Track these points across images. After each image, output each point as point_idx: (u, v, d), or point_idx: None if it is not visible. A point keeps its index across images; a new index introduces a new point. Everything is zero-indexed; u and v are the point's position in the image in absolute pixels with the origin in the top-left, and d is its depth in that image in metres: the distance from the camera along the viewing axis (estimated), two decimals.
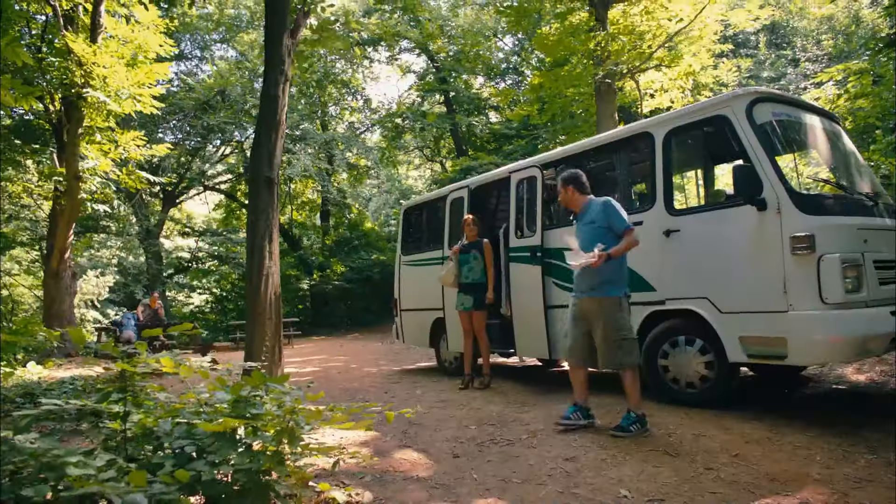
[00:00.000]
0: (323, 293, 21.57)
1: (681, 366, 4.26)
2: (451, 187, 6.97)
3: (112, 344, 2.75)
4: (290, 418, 2.19)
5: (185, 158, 18.46)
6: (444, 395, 5.31)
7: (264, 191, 4.32)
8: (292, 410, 2.20)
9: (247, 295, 4.24)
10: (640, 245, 4.46)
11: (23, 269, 20.21)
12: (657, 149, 4.50)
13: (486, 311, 5.65)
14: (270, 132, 4.45)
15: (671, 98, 12.68)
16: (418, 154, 28.34)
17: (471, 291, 5.66)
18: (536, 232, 5.42)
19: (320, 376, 7.39)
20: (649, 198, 4.59)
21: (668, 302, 4.34)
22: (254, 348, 4.11)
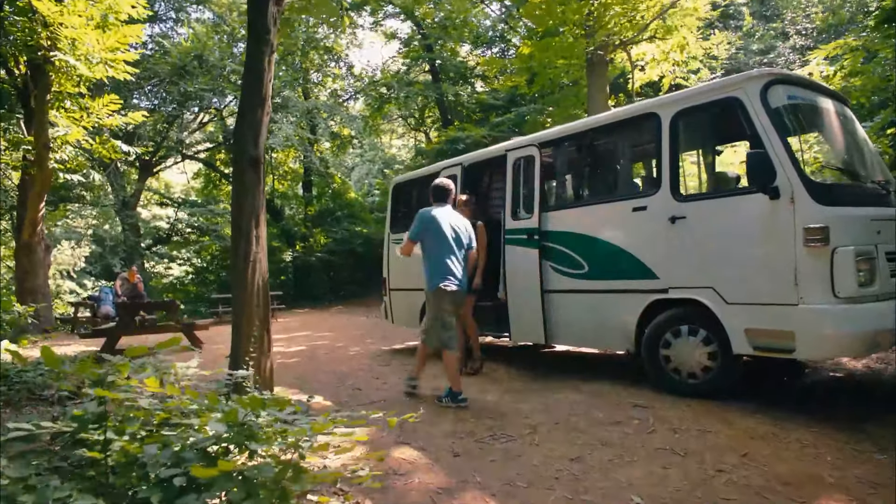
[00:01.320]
0: (306, 265, 21.30)
1: (683, 356, 4.17)
2: (444, 164, 6.73)
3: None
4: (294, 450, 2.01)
5: (162, 126, 17.75)
6: (438, 382, 5.16)
7: (249, 172, 4.04)
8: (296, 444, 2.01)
9: (232, 282, 4.00)
10: (642, 231, 4.35)
11: None
12: (663, 131, 4.31)
13: (474, 296, 5.35)
14: (255, 108, 4.14)
15: (662, 71, 12.44)
16: (402, 123, 27.78)
17: None
18: (534, 214, 5.23)
19: (306, 357, 7.22)
20: (654, 182, 4.42)
21: (671, 291, 4.22)
22: (241, 338, 3.91)
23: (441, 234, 4.38)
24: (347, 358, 6.93)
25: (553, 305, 5.10)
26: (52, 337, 11.56)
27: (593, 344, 4.84)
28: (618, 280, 4.59)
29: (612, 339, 4.69)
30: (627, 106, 5.20)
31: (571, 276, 4.95)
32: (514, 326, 5.47)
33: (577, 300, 4.91)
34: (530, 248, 5.23)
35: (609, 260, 4.65)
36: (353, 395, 4.78)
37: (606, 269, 4.69)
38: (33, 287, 11.89)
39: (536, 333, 5.23)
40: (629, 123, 4.75)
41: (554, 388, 4.75)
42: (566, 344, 5.08)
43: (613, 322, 4.64)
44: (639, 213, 4.44)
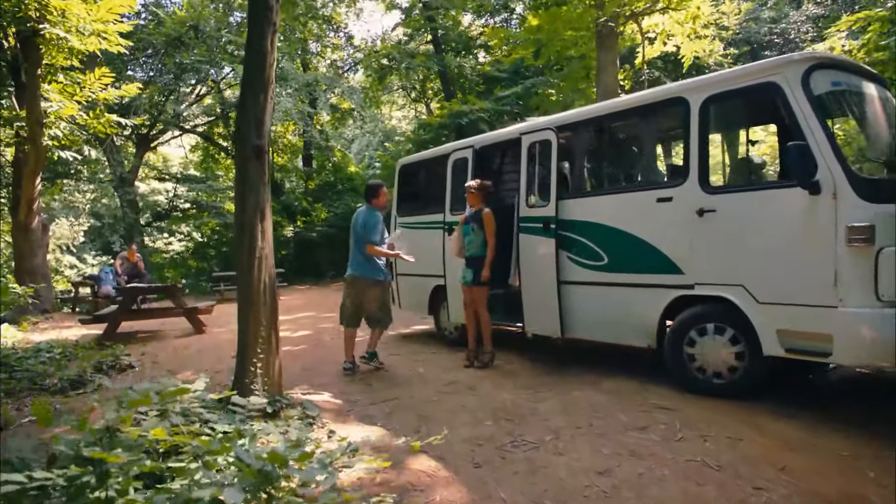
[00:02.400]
0: (307, 240, 21.10)
1: (708, 355, 4.00)
2: (454, 145, 6.46)
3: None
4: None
5: (159, 99, 17.28)
6: (450, 375, 5.03)
7: (253, 162, 3.80)
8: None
9: (238, 279, 3.81)
10: (667, 223, 4.14)
11: None
12: (692, 117, 4.05)
13: (486, 287, 5.24)
14: (257, 93, 3.87)
15: (675, 44, 12.01)
16: (403, 94, 27.18)
17: (471, 265, 5.25)
18: (550, 202, 5.00)
19: (312, 343, 7.08)
20: (681, 172, 4.18)
21: (697, 287, 4.02)
22: (248, 338, 3.73)
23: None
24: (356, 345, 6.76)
25: (569, 297, 4.92)
26: (53, 318, 11.48)
27: (611, 338, 4.66)
28: (639, 274, 4.40)
29: (631, 334, 4.52)
30: (653, 89, 4.91)
31: (589, 267, 4.75)
32: (528, 317, 5.30)
33: (595, 293, 4.73)
34: (546, 238, 5.01)
35: (630, 252, 4.45)
36: (364, 391, 4.63)
37: (627, 262, 4.49)
38: (32, 267, 11.71)
39: (551, 325, 5.06)
40: (654, 108, 4.49)
41: (571, 383, 4.60)
42: (582, 337, 4.90)
43: (634, 317, 4.46)
44: (663, 204, 4.21)
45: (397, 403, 4.27)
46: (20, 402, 6.02)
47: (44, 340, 8.08)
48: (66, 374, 6.21)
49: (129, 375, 6.38)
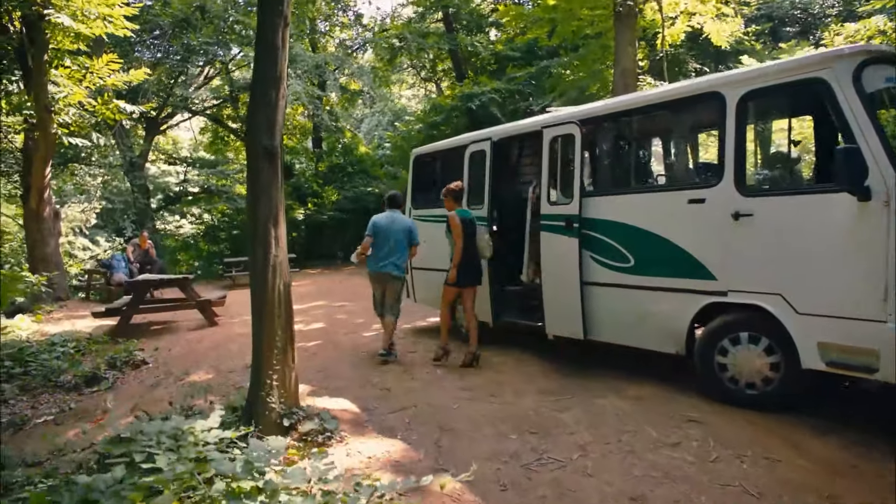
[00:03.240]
0: (317, 223, 21.00)
1: (741, 365, 3.83)
2: (471, 137, 6.23)
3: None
4: None
5: (167, 81, 17.05)
6: (469, 379, 4.89)
7: (265, 165, 3.62)
8: None
9: (252, 289, 3.67)
10: (699, 226, 3.94)
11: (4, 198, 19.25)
12: (729, 113, 3.81)
13: (474, 288, 5.36)
14: (269, 91, 3.67)
15: (698, 23, 11.55)
16: (413, 73, 26.73)
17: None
18: (574, 199, 4.79)
19: (327, 339, 6.96)
20: (715, 172, 3.95)
21: (731, 294, 3.83)
22: (263, 349, 3.60)
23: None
24: (369, 340, 6.67)
25: (593, 299, 4.74)
26: (67, 305, 11.49)
27: (637, 342, 4.50)
28: (668, 277, 4.21)
29: (658, 339, 4.34)
30: (685, 82, 4.63)
31: (614, 268, 4.57)
32: (550, 318, 5.13)
33: (621, 295, 4.54)
34: (569, 237, 4.81)
35: (658, 255, 4.25)
36: (381, 398, 4.50)
37: (655, 265, 4.30)
38: (45, 255, 11.69)
39: (573, 327, 4.89)
40: (686, 103, 4.24)
41: (594, 389, 4.45)
42: (606, 340, 4.74)
43: (661, 322, 4.29)
44: (695, 205, 4.00)
45: (416, 411, 4.15)
46: (36, 399, 5.99)
47: (58, 333, 8.07)
48: (80, 370, 6.18)
49: (142, 371, 6.33)
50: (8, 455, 4.29)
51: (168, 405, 4.44)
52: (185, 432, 2.56)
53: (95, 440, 4.47)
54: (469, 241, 5.24)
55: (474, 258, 5.33)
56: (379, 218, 5.84)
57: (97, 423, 4.96)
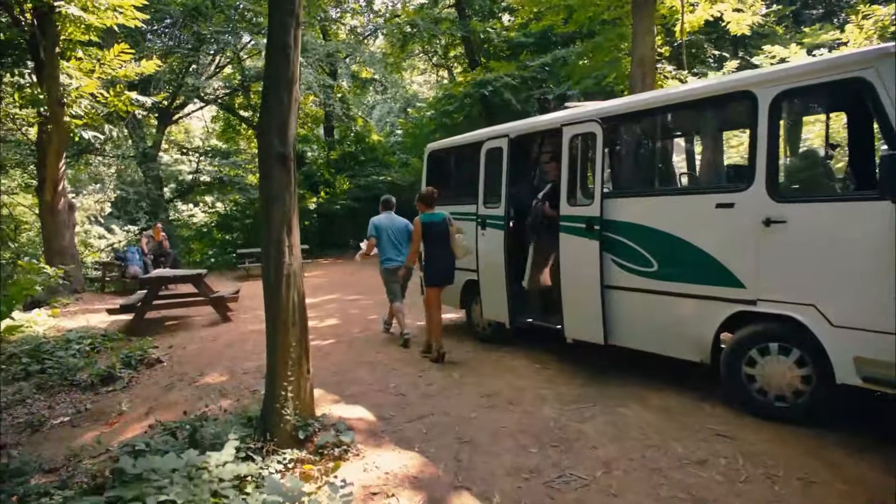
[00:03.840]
0: (330, 213, 20.95)
1: (770, 376, 3.69)
2: (487, 133, 6.06)
3: None
4: None
5: (180, 69, 16.94)
6: (487, 385, 4.80)
7: (277, 171, 3.51)
8: None
9: (265, 299, 3.58)
10: (727, 232, 3.78)
11: (20, 188, 19.41)
12: (761, 114, 3.63)
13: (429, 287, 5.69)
14: (281, 93, 3.55)
15: (719, 10, 11.19)
16: (425, 59, 26.40)
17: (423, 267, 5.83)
18: (595, 201, 4.63)
19: (341, 338, 6.90)
20: (745, 175, 3.78)
21: (760, 303, 3.68)
22: (277, 361, 3.52)
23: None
24: (384, 340, 6.59)
25: (614, 303, 4.61)
26: (83, 298, 11.57)
27: (659, 349, 4.36)
28: (693, 284, 4.06)
29: (682, 346, 4.21)
30: (714, 79, 4.42)
31: (637, 273, 4.42)
32: (569, 322, 5.01)
33: (643, 300, 4.41)
34: (589, 239, 4.67)
35: (682, 260, 4.10)
36: (398, 405, 4.42)
37: (679, 270, 4.15)
38: (61, 248, 11.76)
39: (593, 331, 4.76)
40: (715, 102, 4.05)
41: (616, 397, 4.34)
42: (627, 346, 4.61)
43: (685, 329, 4.15)
44: (724, 210, 3.83)
45: (433, 421, 4.07)
46: (53, 398, 6.01)
47: (73, 329, 8.10)
48: (96, 369, 6.18)
49: (157, 371, 6.32)
50: (25, 461, 4.29)
51: (183, 413, 4.38)
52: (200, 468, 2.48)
53: (111, 445, 4.47)
54: (440, 242, 5.58)
55: (446, 259, 5.63)
56: (379, 219, 6.63)
57: (112, 427, 4.96)
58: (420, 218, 5.63)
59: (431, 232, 5.58)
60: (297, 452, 3.39)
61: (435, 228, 5.57)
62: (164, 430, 3.86)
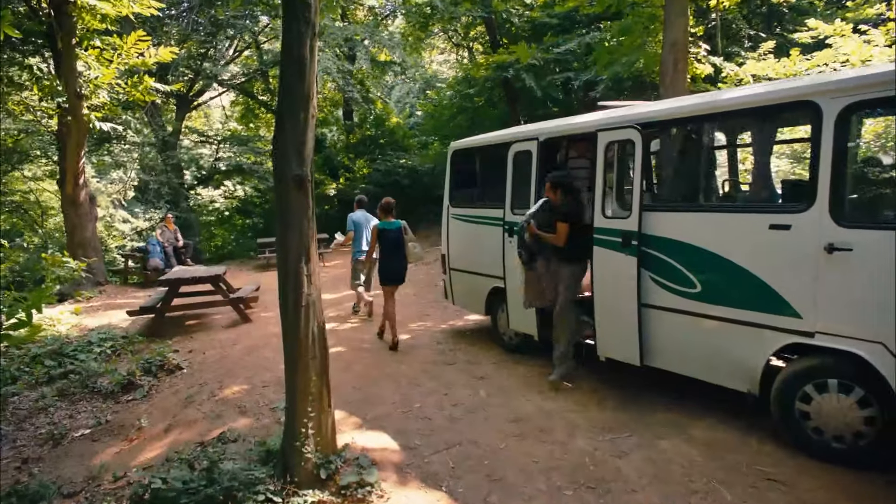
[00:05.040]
0: (349, 198, 20.71)
1: (828, 415, 3.39)
2: (515, 134, 5.74)
3: None
4: None
5: (197, 54, 16.71)
6: (516, 407, 4.57)
7: (294, 194, 3.28)
8: None
9: (283, 330, 3.38)
10: (782, 255, 3.45)
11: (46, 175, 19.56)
12: (825, 127, 3.26)
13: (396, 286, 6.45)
14: (297, 111, 3.30)
15: None
16: (444, 38, 25.77)
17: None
18: (632, 213, 4.32)
19: (363, 344, 6.71)
20: (804, 194, 3.43)
21: (818, 336, 3.37)
22: (297, 396, 3.34)
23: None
24: (407, 349, 6.38)
25: (652, 323, 4.32)
26: (105, 290, 11.61)
27: (701, 375, 4.08)
28: (741, 309, 3.75)
29: (727, 375, 3.92)
30: (771, 86, 4.00)
31: (678, 293, 4.12)
32: (602, 339, 4.74)
33: (684, 322, 4.11)
34: (626, 255, 4.37)
35: (730, 283, 3.79)
36: (423, 431, 4.22)
37: (726, 293, 3.84)
38: (83, 240, 11.79)
39: (629, 351, 4.49)
40: (771, 111, 3.69)
41: (654, 426, 4.08)
42: (666, 368, 4.34)
43: (731, 357, 3.86)
44: (779, 231, 3.50)
45: (461, 452, 3.86)
46: (74, 407, 5.96)
47: (95, 328, 8.08)
48: (117, 376, 6.11)
49: (177, 378, 6.24)
50: (44, 483, 4.22)
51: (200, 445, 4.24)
52: None
53: (130, 466, 4.38)
54: (393, 248, 6.32)
55: (398, 262, 6.36)
56: (356, 216, 7.88)
57: (132, 444, 4.87)
58: (377, 225, 6.44)
59: (386, 238, 6.29)
60: (318, 494, 3.22)
61: (390, 235, 6.29)
62: (181, 461, 3.72)
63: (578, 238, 4.74)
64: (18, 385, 6.36)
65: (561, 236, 4.73)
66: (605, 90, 13.62)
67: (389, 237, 6.31)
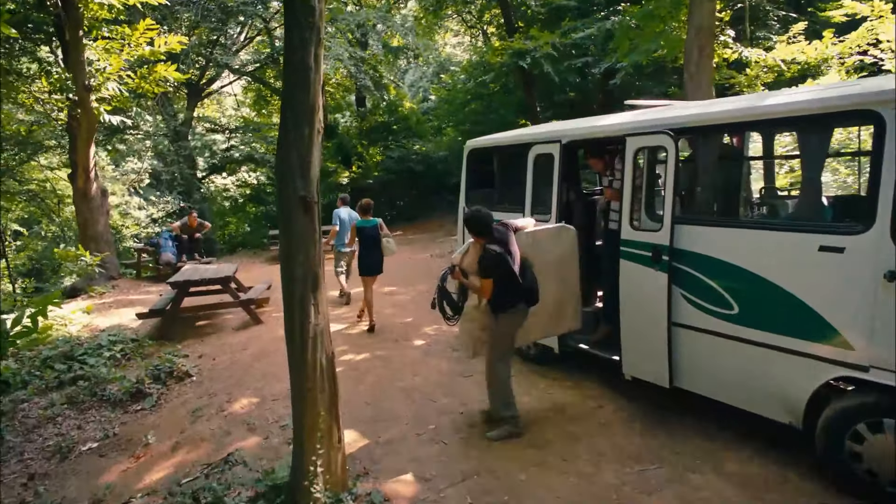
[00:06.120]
0: (362, 187, 20.46)
1: (883, 458, 3.09)
2: (536, 135, 5.41)
3: None
4: None
5: (208, 41, 16.44)
6: (536, 429, 4.32)
7: (299, 217, 3.03)
8: None
9: (290, 362, 3.16)
10: (833, 280, 3.14)
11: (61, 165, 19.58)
12: (889, 139, 2.92)
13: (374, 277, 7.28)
14: (301, 125, 3.03)
15: None
16: (458, 20, 25.17)
17: None
18: (664, 226, 4.00)
19: (377, 352, 6.49)
20: (862, 213, 3.10)
21: (874, 371, 3.06)
22: (304, 433, 3.13)
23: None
24: (421, 357, 6.15)
25: (683, 343, 4.04)
26: (118, 285, 11.55)
27: (737, 402, 3.80)
28: (784, 336, 3.45)
29: (766, 404, 3.64)
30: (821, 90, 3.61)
31: (713, 313, 3.83)
32: (628, 357, 4.46)
33: (719, 345, 3.82)
34: (656, 270, 4.07)
35: (773, 307, 3.49)
36: (439, 458, 3.99)
37: (767, 318, 3.53)
38: (95, 234, 11.72)
39: (657, 372, 4.21)
40: (824, 120, 3.33)
41: (685, 455, 3.82)
42: (697, 392, 4.06)
43: (771, 386, 3.57)
44: (829, 254, 3.18)
45: (478, 484, 3.63)
46: (83, 416, 5.85)
47: (106, 328, 7.97)
48: (126, 384, 5.98)
49: (186, 386, 6.10)
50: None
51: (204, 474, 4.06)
52: None
53: (135, 489, 4.23)
54: (369, 243, 7.11)
55: (374, 256, 7.13)
56: (340, 212, 8.59)
57: (138, 461, 4.73)
58: (356, 223, 7.37)
59: (363, 234, 7.13)
60: None
61: (367, 232, 7.11)
62: (184, 495, 3.55)
63: (510, 284, 3.99)
64: (29, 390, 6.27)
65: (485, 290, 3.99)
66: (626, 76, 13.13)
67: (367, 233, 7.10)
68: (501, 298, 4.04)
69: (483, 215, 4.02)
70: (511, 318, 4.15)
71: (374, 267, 7.22)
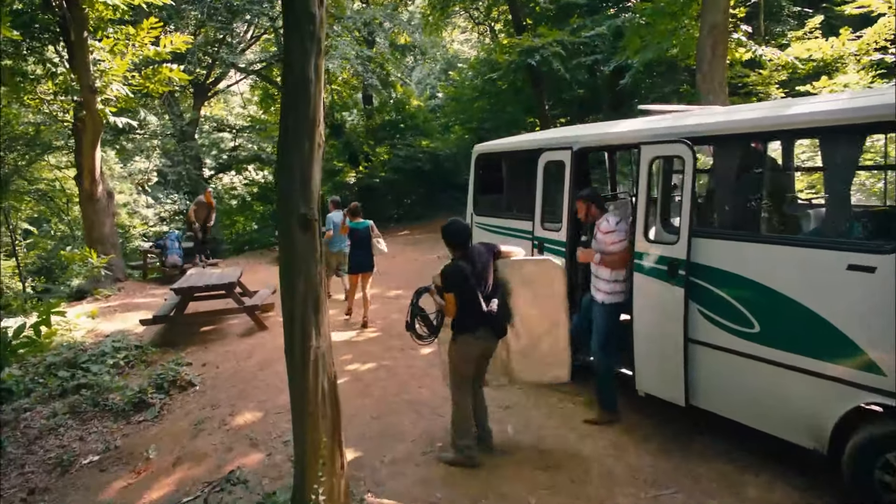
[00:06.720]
0: (369, 186, 20.34)
1: None
2: (546, 141, 5.25)
3: None
4: None
5: (213, 39, 16.35)
6: (544, 447, 4.19)
7: (300, 236, 2.90)
8: None
9: (290, 387, 3.04)
10: (863, 300, 2.97)
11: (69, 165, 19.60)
12: None
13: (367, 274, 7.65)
14: (301, 141, 2.89)
15: None
16: (465, 16, 24.93)
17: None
18: (681, 239, 3.84)
19: (383, 361, 6.36)
20: (892, 232, 2.92)
21: None
22: (306, 459, 3.02)
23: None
24: (428, 367, 6.01)
25: (700, 361, 3.88)
26: (124, 287, 11.51)
27: (758, 424, 3.64)
28: (809, 358, 3.28)
29: (788, 427, 3.48)
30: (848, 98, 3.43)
31: (732, 331, 3.67)
32: (641, 373, 4.30)
33: (740, 365, 3.66)
34: (672, 285, 3.91)
35: (797, 327, 3.32)
36: (446, 480, 3.83)
37: (791, 338, 3.37)
38: (101, 236, 11.69)
39: (672, 389, 4.06)
40: (854, 131, 3.15)
41: (702, 479, 3.67)
42: (715, 411, 3.90)
43: (794, 409, 3.41)
44: (858, 273, 3.01)
45: None
46: (85, 427, 5.77)
47: (110, 334, 7.90)
48: (129, 393, 5.90)
49: (189, 395, 6.01)
50: None
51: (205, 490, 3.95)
52: None
53: None
54: (360, 244, 7.47)
55: (364, 256, 7.50)
56: (334, 216, 8.56)
57: (139, 477, 4.63)
58: (349, 224, 7.70)
59: (355, 236, 7.52)
60: None
61: (358, 234, 7.49)
62: None
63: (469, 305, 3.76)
64: (32, 399, 6.20)
65: (448, 307, 3.81)
66: (636, 74, 12.89)
67: (358, 235, 7.48)
68: (460, 320, 3.83)
69: (457, 228, 3.85)
70: (468, 343, 3.86)
71: (366, 264, 7.62)
